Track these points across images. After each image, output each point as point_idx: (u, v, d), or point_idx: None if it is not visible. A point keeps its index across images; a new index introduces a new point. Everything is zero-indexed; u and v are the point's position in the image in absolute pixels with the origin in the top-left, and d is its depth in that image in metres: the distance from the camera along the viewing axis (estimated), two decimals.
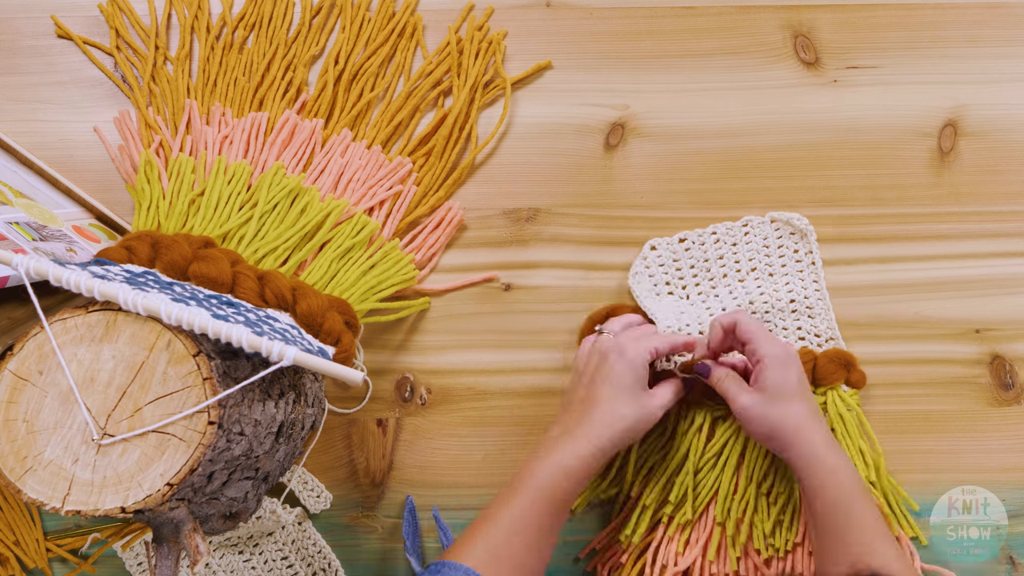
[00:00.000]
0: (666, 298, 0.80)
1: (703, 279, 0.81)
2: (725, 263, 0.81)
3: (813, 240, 0.80)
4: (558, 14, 0.86)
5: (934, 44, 0.85)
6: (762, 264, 0.80)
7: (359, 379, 0.58)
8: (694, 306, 0.80)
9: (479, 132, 0.84)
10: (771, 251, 0.80)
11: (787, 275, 0.80)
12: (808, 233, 0.80)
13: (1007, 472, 0.79)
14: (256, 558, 0.78)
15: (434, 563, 0.62)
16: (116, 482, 0.56)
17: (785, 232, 0.81)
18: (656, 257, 0.81)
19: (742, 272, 0.80)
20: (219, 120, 0.82)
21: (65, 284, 0.57)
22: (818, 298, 0.79)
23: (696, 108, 0.84)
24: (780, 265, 0.80)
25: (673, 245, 0.81)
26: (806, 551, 0.75)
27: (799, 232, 0.80)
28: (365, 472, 0.79)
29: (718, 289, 0.80)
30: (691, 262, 0.81)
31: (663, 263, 0.81)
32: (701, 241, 0.81)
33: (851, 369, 0.77)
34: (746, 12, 0.85)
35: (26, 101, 0.84)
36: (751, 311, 0.79)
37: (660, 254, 0.81)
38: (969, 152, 0.83)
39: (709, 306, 0.80)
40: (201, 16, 0.85)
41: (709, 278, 0.81)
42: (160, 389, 0.57)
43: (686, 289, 0.81)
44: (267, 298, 0.69)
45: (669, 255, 0.81)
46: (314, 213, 0.78)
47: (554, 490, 0.65)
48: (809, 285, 0.80)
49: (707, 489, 0.75)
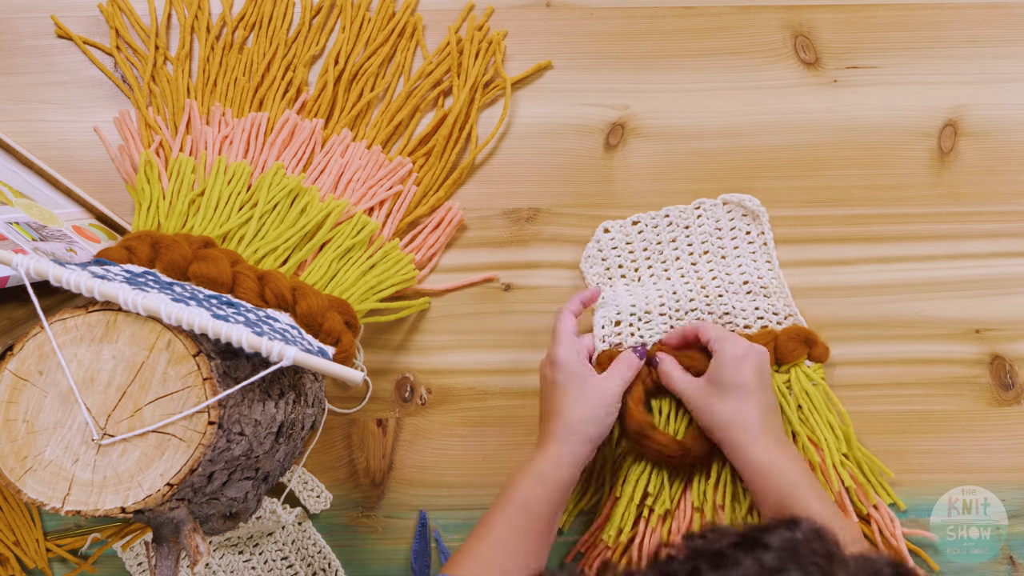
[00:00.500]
0: (618, 281, 0.80)
1: (656, 262, 0.81)
2: (678, 246, 0.81)
3: (765, 221, 0.80)
4: (558, 14, 0.86)
5: (934, 44, 0.85)
6: (715, 247, 0.80)
7: (359, 379, 0.58)
8: (643, 287, 0.80)
9: (479, 132, 0.84)
10: (723, 233, 0.81)
11: (740, 257, 0.80)
12: (760, 214, 0.80)
13: (1007, 472, 0.79)
14: (256, 558, 0.78)
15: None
16: (116, 482, 0.56)
17: (737, 214, 0.81)
18: (609, 240, 0.81)
19: (695, 255, 0.80)
20: (219, 120, 0.82)
21: (65, 284, 0.57)
22: (772, 277, 0.79)
23: (696, 108, 0.84)
24: (733, 247, 0.80)
25: (626, 227, 0.81)
26: None
27: (751, 214, 0.80)
28: (365, 472, 0.79)
29: (670, 272, 0.80)
30: (644, 244, 0.81)
31: (616, 246, 0.81)
32: (654, 224, 0.81)
33: (813, 344, 0.77)
34: (746, 12, 0.85)
35: (26, 101, 0.84)
36: (704, 294, 0.79)
37: (613, 236, 0.81)
38: (969, 152, 0.83)
39: (660, 288, 0.80)
40: (201, 16, 0.85)
41: (661, 260, 0.81)
42: (160, 389, 0.57)
43: (638, 271, 0.81)
44: (267, 298, 0.69)
45: (622, 237, 0.81)
46: (314, 213, 0.78)
47: (531, 498, 0.67)
48: (762, 266, 0.80)
49: (681, 476, 0.75)
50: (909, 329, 0.80)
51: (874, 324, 0.80)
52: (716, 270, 0.80)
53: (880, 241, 0.82)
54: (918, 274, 0.81)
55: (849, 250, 0.81)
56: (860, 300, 0.81)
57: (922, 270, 0.81)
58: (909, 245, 0.82)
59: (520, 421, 0.80)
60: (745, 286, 0.79)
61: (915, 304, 0.81)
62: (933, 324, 0.80)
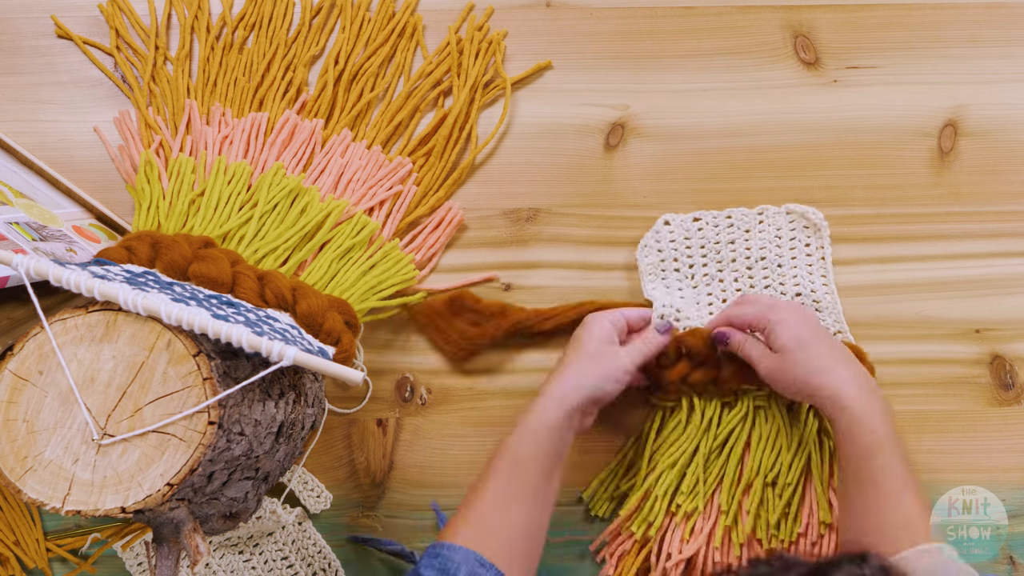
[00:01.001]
0: (671, 275, 0.80)
1: (711, 261, 0.80)
2: (736, 248, 0.80)
3: (826, 235, 0.80)
4: (558, 14, 0.86)
5: (934, 44, 0.85)
6: (772, 254, 0.80)
7: (359, 379, 0.58)
8: (696, 290, 0.80)
9: (479, 132, 0.84)
10: (783, 242, 0.80)
11: (796, 267, 0.80)
12: (822, 228, 0.80)
13: (1007, 472, 0.79)
14: (256, 558, 0.78)
15: (432, 545, 0.63)
16: (116, 482, 0.56)
17: (799, 225, 0.80)
18: (668, 233, 0.81)
19: (751, 260, 0.80)
20: (219, 120, 0.82)
21: (65, 284, 0.57)
22: (825, 292, 0.79)
23: (696, 108, 0.84)
24: (790, 257, 0.80)
25: (687, 223, 0.81)
26: (808, 542, 0.74)
27: (813, 226, 0.80)
28: (365, 472, 0.79)
29: (724, 273, 0.80)
30: (702, 242, 0.81)
31: (674, 239, 0.80)
32: (715, 223, 0.81)
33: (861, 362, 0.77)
34: (746, 12, 0.85)
35: (26, 101, 0.84)
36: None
37: (672, 230, 0.81)
38: (969, 152, 0.83)
39: (711, 292, 0.80)
40: (201, 16, 0.85)
41: (717, 261, 0.80)
42: (160, 389, 0.57)
43: (692, 268, 0.80)
44: (267, 298, 0.69)
45: (681, 232, 0.80)
46: (314, 213, 0.78)
47: (520, 454, 0.66)
48: (817, 279, 0.80)
49: (713, 477, 0.75)
50: (909, 329, 0.80)
51: (874, 324, 0.80)
52: (771, 278, 0.80)
53: (880, 241, 0.82)
54: (918, 274, 0.81)
55: (849, 250, 0.81)
56: (860, 300, 0.81)
57: (922, 270, 0.81)
58: (909, 245, 0.82)
59: None
60: (798, 298, 0.79)
61: (915, 304, 0.81)
62: (933, 324, 0.80)
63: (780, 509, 0.74)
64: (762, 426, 0.76)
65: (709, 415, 0.76)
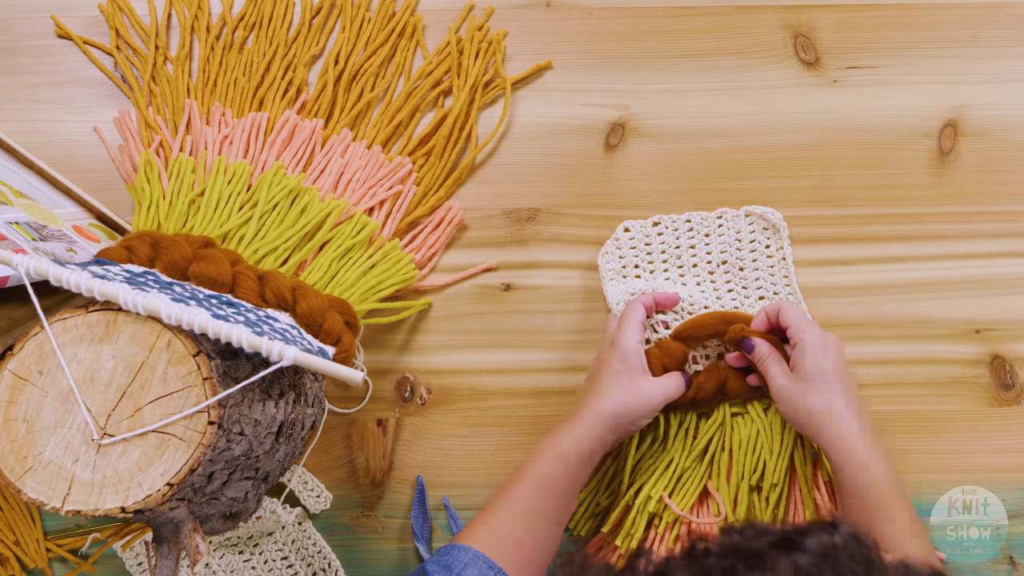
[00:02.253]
0: (632, 282, 0.80)
1: (672, 266, 0.81)
2: (696, 253, 0.81)
3: (785, 236, 0.80)
4: (558, 14, 0.86)
5: (935, 44, 0.85)
6: (733, 257, 0.80)
7: (359, 379, 0.58)
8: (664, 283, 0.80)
9: (479, 132, 0.84)
10: (743, 245, 0.80)
11: (757, 270, 0.80)
12: (780, 228, 0.80)
13: (1007, 472, 0.79)
14: (256, 558, 0.78)
15: (443, 547, 0.63)
16: (116, 482, 0.56)
17: (758, 227, 0.81)
18: (628, 239, 0.81)
19: (713, 264, 0.80)
20: (219, 120, 0.82)
21: (65, 284, 0.57)
22: (788, 292, 0.79)
23: (696, 108, 0.84)
24: (751, 260, 0.80)
25: (647, 228, 0.81)
26: None
27: (772, 227, 0.80)
28: (365, 472, 0.79)
29: (686, 277, 0.80)
30: (662, 247, 0.81)
31: (635, 245, 0.81)
32: (675, 227, 0.81)
33: None
34: (746, 12, 0.85)
35: (26, 101, 0.84)
36: (719, 305, 0.79)
37: (633, 236, 0.81)
38: (969, 152, 0.83)
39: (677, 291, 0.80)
40: (201, 16, 0.85)
41: (678, 265, 0.81)
42: (160, 389, 0.57)
43: (654, 273, 0.81)
44: (267, 298, 0.69)
45: (642, 238, 0.81)
46: (314, 213, 0.78)
47: (550, 475, 0.67)
48: (779, 280, 0.80)
49: (694, 486, 0.75)
50: (909, 329, 0.80)
51: (874, 324, 0.80)
52: (733, 281, 0.80)
53: (880, 241, 0.82)
54: (918, 274, 0.81)
55: (849, 250, 0.81)
56: (860, 300, 0.81)
57: (922, 270, 0.81)
58: (909, 245, 0.82)
59: (520, 421, 0.80)
60: (760, 301, 0.79)
61: (915, 304, 0.81)
62: (933, 324, 0.80)
63: (769, 513, 0.74)
64: (741, 431, 0.76)
65: (685, 426, 0.77)
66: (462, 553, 0.62)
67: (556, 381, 0.80)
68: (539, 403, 0.80)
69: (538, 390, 0.80)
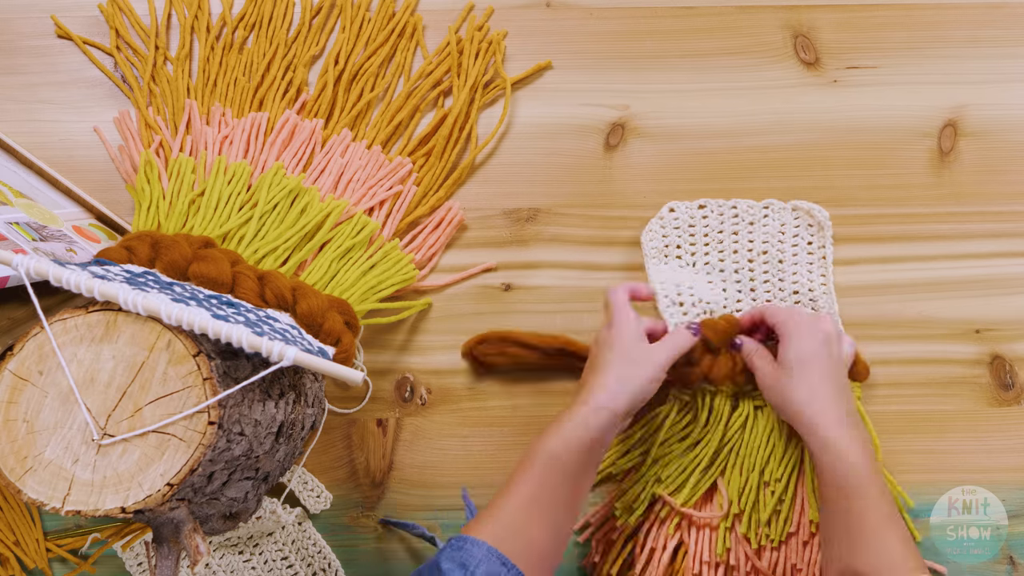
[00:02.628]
0: (673, 261, 0.80)
1: (713, 249, 0.81)
2: (739, 239, 0.81)
3: (828, 234, 0.80)
4: (558, 14, 0.86)
5: (934, 44, 0.85)
6: (774, 249, 0.80)
7: (359, 379, 0.58)
8: (698, 274, 0.80)
9: (479, 132, 0.84)
10: (786, 238, 0.80)
11: (796, 265, 0.80)
12: (825, 226, 0.80)
13: (1007, 472, 0.79)
14: (256, 558, 0.78)
15: (455, 538, 0.62)
16: (116, 482, 0.56)
17: (803, 222, 0.80)
18: (673, 219, 0.81)
19: (753, 252, 0.80)
20: (219, 120, 0.82)
21: (65, 284, 0.57)
22: (823, 292, 0.79)
23: (696, 108, 0.84)
24: (792, 254, 0.80)
25: (692, 210, 0.81)
26: (799, 541, 0.74)
27: (817, 224, 0.80)
28: (365, 472, 0.79)
29: (726, 263, 0.80)
30: (706, 230, 0.81)
31: (679, 225, 0.81)
32: (720, 211, 0.81)
33: (855, 362, 0.77)
34: (746, 12, 0.85)
35: (26, 101, 0.84)
36: (752, 297, 0.79)
37: (678, 216, 0.81)
38: (969, 152, 0.83)
39: (711, 279, 0.80)
40: (201, 16, 0.85)
41: (719, 250, 0.80)
42: (160, 389, 0.57)
43: (695, 256, 0.80)
44: (267, 298, 0.69)
45: (686, 219, 0.81)
46: (314, 213, 0.78)
47: (561, 460, 0.65)
48: (816, 279, 0.80)
49: (708, 476, 0.76)
50: (909, 329, 0.80)
51: (874, 324, 0.80)
52: (770, 273, 0.80)
53: (880, 241, 0.82)
54: (918, 274, 0.81)
55: (849, 250, 0.81)
56: (860, 300, 0.81)
57: (922, 270, 0.81)
58: (909, 245, 0.82)
59: (520, 421, 0.80)
60: (795, 296, 0.79)
61: (915, 304, 0.81)
62: (933, 324, 0.80)
63: (771, 507, 0.74)
64: (758, 425, 0.76)
65: (720, 412, 0.77)
66: (475, 548, 0.60)
67: (556, 381, 0.80)
68: (539, 403, 0.80)
69: (538, 390, 0.80)
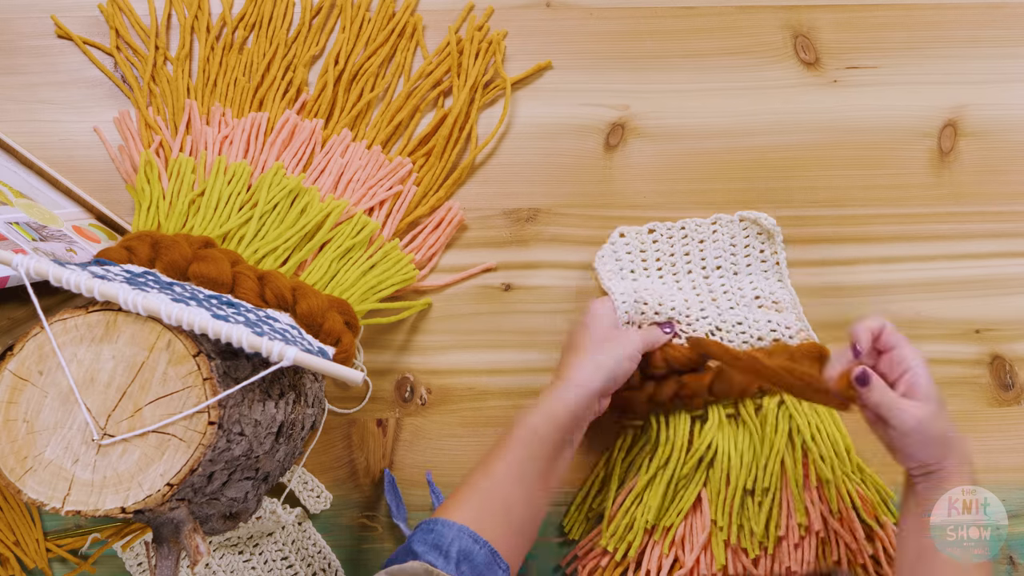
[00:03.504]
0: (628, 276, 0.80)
1: (667, 272, 0.81)
2: (691, 259, 0.81)
3: (779, 241, 0.80)
4: (558, 14, 0.86)
5: (934, 44, 0.85)
6: (727, 263, 0.80)
7: (359, 379, 0.58)
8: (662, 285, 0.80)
9: (479, 132, 0.84)
10: (737, 250, 0.80)
11: (751, 274, 0.80)
12: (775, 234, 0.80)
13: (1007, 472, 0.79)
14: (256, 558, 0.78)
15: (426, 521, 0.62)
16: (116, 482, 0.56)
17: (752, 232, 0.81)
18: (624, 244, 0.81)
19: (707, 269, 0.80)
20: (219, 120, 0.82)
21: (65, 284, 0.57)
22: (784, 293, 0.79)
23: (696, 108, 0.84)
24: (745, 265, 0.80)
25: (642, 235, 0.81)
26: (791, 544, 0.74)
27: (766, 232, 0.80)
28: (365, 472, 0.79)
29: (682, 283, 0.80)
30: (657, 254, 0.81)
31: (630, 251, 0.81)
32: (669, 234, 0.81)
33: (826, 361, 0.77)
34: (746, 12, 0.85)
35: (26, 101, 0.84)
36: (715, 306, 0.79)
37: (628, 242, 0.81)
38: (969, 152, 0.83)
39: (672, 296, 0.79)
40: (201, 16, 0.85)
41: (673, 272, 0.81)
42: (160, 389, 0.57)
43: (649, 279, 0.81)
44: (267, 298, 0.69)
45: (637, 244, 0.81)
46: (314, 213, 0.78)
47: (539, 434, 0.66)
48: (774, 284, 0.80)
49: (690, 492, 0.75)
50: (909, 329, 0.80)
51: None
52: (728, 285, 0.80)
53: (880, 241, 0.82)
54: (918, 274, 0.81)
55: (849, 250, 0.81)
56: (860, 300, 0.81)
57: (922, 270, 0.81)
58: (909, 245, 0.82)
59: None
60: (756, 300, 0.79)
61: (915, 304, 0.81)
62: (933, 324, 0.80)
63: (763, 518, 0.74)
64: (735, 434, 0.76)
65: (680, 430, 0.76)
66: (446, 528, 0.61)
67: None
68: None
69: (538, 390, 0.79)
